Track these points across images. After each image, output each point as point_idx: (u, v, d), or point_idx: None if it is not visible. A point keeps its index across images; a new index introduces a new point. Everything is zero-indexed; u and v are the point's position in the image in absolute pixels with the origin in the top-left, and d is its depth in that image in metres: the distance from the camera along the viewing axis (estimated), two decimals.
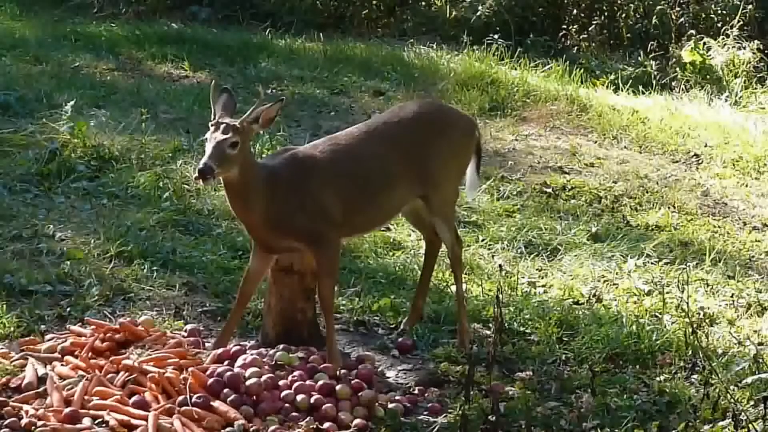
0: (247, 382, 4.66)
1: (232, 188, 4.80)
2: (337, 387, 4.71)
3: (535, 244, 6.59)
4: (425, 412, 4.74)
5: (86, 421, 4.42)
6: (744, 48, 11.14)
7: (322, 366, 4.84)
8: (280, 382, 4.72)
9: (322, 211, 4.89)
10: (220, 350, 4.92)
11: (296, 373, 4.77)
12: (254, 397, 4.65)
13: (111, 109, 8.28)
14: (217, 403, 4.57)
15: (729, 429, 4.19)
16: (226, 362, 4.83)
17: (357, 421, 4.58)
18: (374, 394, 4.72)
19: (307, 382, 4.72)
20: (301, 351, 4.96)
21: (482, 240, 6.58)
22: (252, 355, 4.87)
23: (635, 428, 4.55)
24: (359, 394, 4.70)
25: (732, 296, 6.05)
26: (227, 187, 4.84)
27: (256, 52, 10.48)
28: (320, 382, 4.72)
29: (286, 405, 4.62)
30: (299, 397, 4.63)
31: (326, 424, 4.53)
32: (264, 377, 4.70)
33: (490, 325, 5.30)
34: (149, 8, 12.83)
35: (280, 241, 4.90)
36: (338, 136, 5.16)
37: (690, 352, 5.14)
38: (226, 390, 4.64)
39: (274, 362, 4.85)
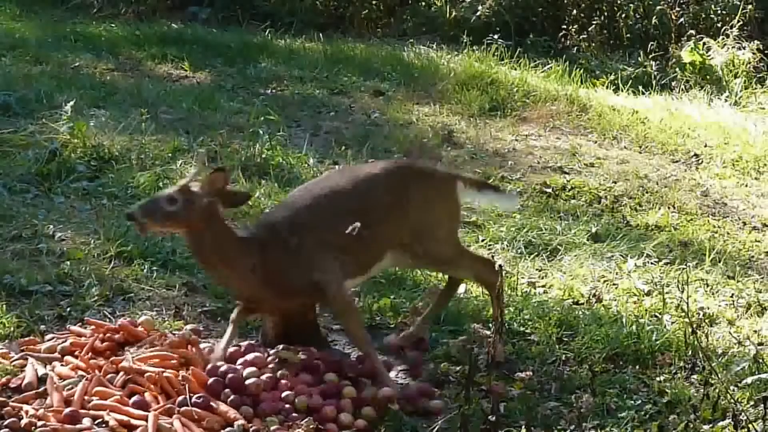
0: (247, 382, 4.66)
1: (197, 256, 4.86)
2: (344, 389, 4.72)
3: (535, 244, 6.59)
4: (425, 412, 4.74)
5: (86, 422, 4.42)
6: (744, 48, 11.15)
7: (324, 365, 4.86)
8: (282, 381, 4.72)
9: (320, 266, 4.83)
10: (230, 350, 4.91)
11: (302, 375, 4.78)
12: (255, 396, 4.65)
13: (111, 109, 8.28)
14: (216, 404, 4.57)
15: (729, 429, 4.19)
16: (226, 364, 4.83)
17: (358, 421, 4.58)
18: (393, 392, 4.72)
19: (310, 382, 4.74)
20: (301, 352, 4.96)
21: (482, 240, 6.58)
22: (255, 354, 4.88)
23: (635, 428, 4.55)
24: (379, 391, 4.70)
25: (732, 296, 6.05)
26: (194, 256, 4.92)
27: (256, 53, 10.49)
28: (327, 383, 4.75)
29: (287, 405, 4.62)
30: (299, 399, 4.63)
31: (327, 425, 4.54)
32: (264, 377, 4.70)
33: (490, 325, 5.29)
34: (149, 8, 12.84)
35: (281, 303, 4.91)
36: (312, 192, 5.03)
37: (690, 353, 5.14)
38: (226, 390, 4.65)
39: (277, 359, 4.85)
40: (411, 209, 5.03)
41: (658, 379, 4.99)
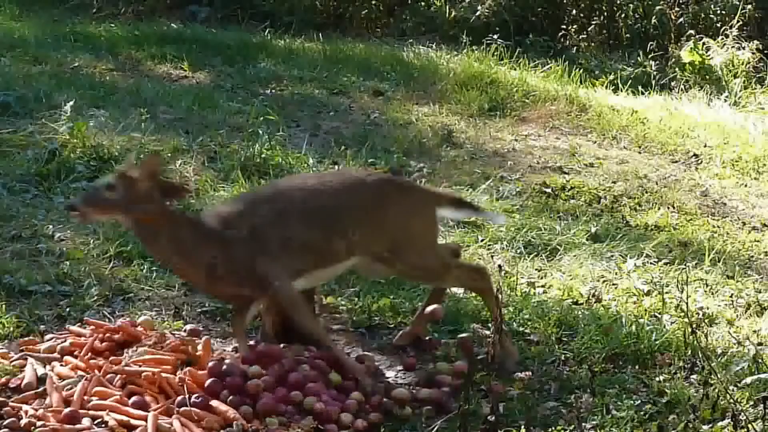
0: (248, 383, 4.65)
1: (145, 245, 4.97)
2: (353, 392, 4.72)
3: (534, 244, 6.59)
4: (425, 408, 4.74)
5: (85, 422, 4.41)
6: (743, 48, 11.16)
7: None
8: (292, 379, 4.70)
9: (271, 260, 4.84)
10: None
11: (306, 374, 4.77)
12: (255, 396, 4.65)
13: (110, 109, 8.28)
14: (215, 403, 4.56)
15: (728, 429, 4.19)
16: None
17: (358, 422, 4.57)
18: (407, 393, 4.72)
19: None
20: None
21: (481, 240, 6.58)
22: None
23: (634, 428, 4.55)
24: (393, 392, 4.71)
25: (731, 296, 6.05)
26: (144, 245, 5.06)
27: (256, 52, 10.49)
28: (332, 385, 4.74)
29: (288, 405, 4.61)
30: (308, 399, 4.61)
31: (327, 425, 4.53)
32: (264, 378, 4.69)
33: (490, 325, 5.29)
34: (148, 8, 12.86)
35: (225, 290, 4.92)
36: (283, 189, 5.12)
37: (689, 352, 5.13)
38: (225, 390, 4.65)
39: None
40: (388, 222, 5.04)
41: (657, 379, 4.99)
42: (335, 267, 5.05)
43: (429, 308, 5.18)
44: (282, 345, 4.98)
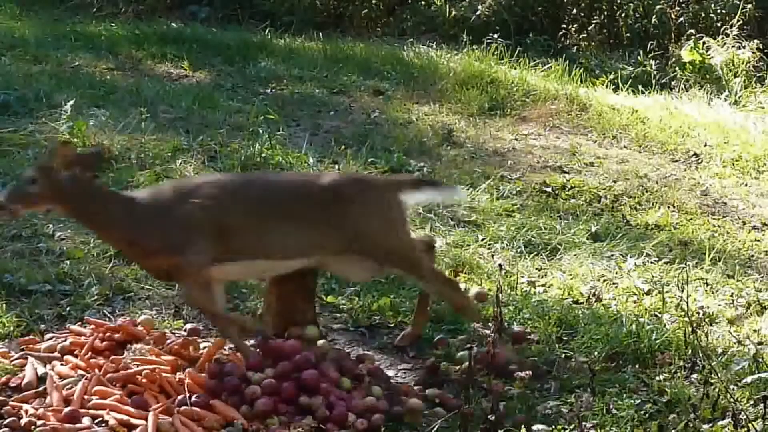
0: (247, 390, 4.63)
1: (87, 227, 5.20)
2: (374, 387, 4.72)
3: (534, 244, 6.59)
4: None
5: (86, 421, 4.42)
6: (743, 47, 11.16)
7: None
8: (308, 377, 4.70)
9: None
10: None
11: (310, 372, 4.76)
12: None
13: (110, 108, 8.28)
14: (216, 403, 4.56)
15: (729, 428, 4.19)
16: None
17: (359, 421, 4.56)
18: (421, 404, 4.71)
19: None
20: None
21: (482, 239, 6.58)
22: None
23: (635, 428, 4.55)
24: (408, 401, 4.70)
25: (731, 295, 6.05)
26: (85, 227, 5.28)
27: (256, 52, 10.49)
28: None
29: (290, 406, 4.60)
30: (315, 398, 4.60)
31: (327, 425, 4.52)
32: (265, 382, 4.67)
33: (490, 324, 5.29)
34: (149, 8, 12.87)
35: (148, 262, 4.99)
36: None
37: (690, 352, 5.13)
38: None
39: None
40: (352, 220, 5.01)
41: (657, 378, 4.99)
42: (286, 263, 5.02)
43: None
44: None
